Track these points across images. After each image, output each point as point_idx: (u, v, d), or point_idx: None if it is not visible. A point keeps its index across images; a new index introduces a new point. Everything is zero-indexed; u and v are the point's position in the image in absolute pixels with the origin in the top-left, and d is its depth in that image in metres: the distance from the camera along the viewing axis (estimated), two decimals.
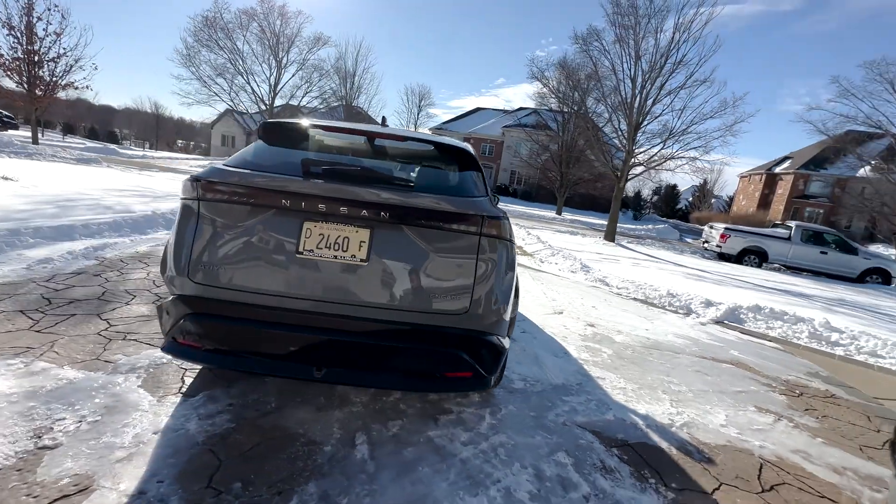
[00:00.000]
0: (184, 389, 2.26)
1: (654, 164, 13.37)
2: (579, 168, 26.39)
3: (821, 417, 3.02)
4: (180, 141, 74.05)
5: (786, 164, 40.97)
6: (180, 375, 2.40)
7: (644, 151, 13.24)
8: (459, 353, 1.85)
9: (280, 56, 23.03)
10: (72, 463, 1.69)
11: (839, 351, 4.77)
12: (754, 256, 13.94)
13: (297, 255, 1.79)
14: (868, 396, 3.57)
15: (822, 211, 37.11)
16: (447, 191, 1.95)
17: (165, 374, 2.38)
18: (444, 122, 45.66)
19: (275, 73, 23.23)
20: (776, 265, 14.04)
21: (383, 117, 3.03)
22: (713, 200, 53.11)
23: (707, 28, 12.37)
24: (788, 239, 13.78)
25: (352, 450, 1.96)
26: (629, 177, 13.71)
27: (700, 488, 2.03)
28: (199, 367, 2.49)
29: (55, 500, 1.53)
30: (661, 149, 12.98)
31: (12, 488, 1.55)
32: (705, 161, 13.13)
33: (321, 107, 29.08)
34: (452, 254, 1.85)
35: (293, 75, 23.73)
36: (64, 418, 1.92)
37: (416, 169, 2.20)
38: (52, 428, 1.85)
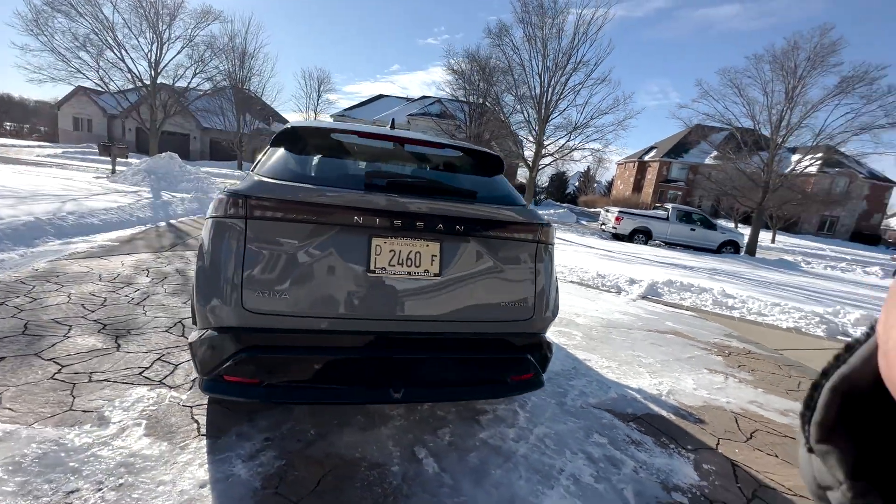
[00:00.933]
0: (203, 430, 2.00)
1: (563, 155, 14.53)
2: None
3: (751, 371, 3.71)
4: (8, 123, 60.20)
5: (652, 153, 47.38)
6: (188, 414, 2.11)
7: (553, 142, 14.31)
8: (526, 357, 1.93)
9: (161, 29, 19.94)
10: None
11: (736, 314, 5.82)
12: (642, 235, 16.06)
13: (369, 275, 1.70)
14: (770, 349, 4.45)
15: (680, 193, 43.77)
16: (501, 200, 1.98)
17: (170, 416, 2.07)
18: (346, 109, 44.02)
19: (155, 49, 20.07)
20: (658, 242, 16.33)
21: (392, 119, 2.92)
22: (595, 185, 59.41)
23: (602, 32, 13.66)
24: (667, 219, 16.11)
25: (419, 465, 1.94)
26: (540, 166, 14.73)
27: (707, 446, 2.40)
28: (232, 400, 2.21)
29: None
30: (567, 140, 14.13)
31: None
32: (604, 153, 14.71)
33: (208, 90, 26.00)
34: (515, 262, 1.91)
35: (179, 52, 20.75)
36: (78, 489, 1.59)
37: (461, 177, 2.17)
38: None
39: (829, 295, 8.62)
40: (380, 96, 47.32)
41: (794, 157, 17.84)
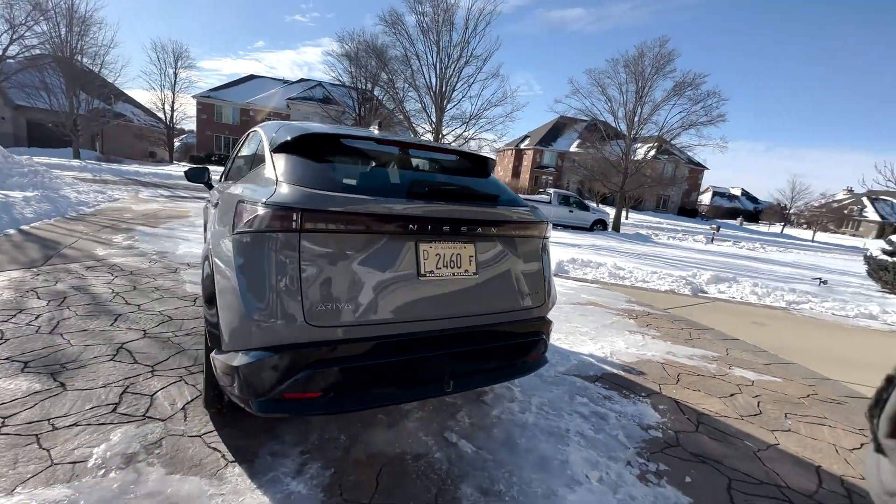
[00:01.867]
0: (229, 457, 1.89)
1: (461, 145, 15.18)
2: None
3: (657, 328, 4.59)
4: None
5: (527, 142, 51.69)
6: (201, 444, 1.95)
7: (451, 132, 14.85)
8: (542, 337, 2.21)
9: None
10: None
11: (628, 283, 6.97)
12: None
13: (420, 278, 1.79)
14: (662, 309, 5.49)
15: (551, 178, 48.75)
16: (514, 202, 2.20)
17: (183, 450, 1.90)
18: (212, 90, 39.19)
19: None
20: None
21: (379, 122, 2.90)
22: None
23: (489, 28, 14.49)
24: (550, 202, 18.00)
25: (457, 448, 2.11)
26: None
27: (654, 391, 3.00)
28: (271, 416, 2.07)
29: None
30: (464, 130, 14.80)
31: None
32: (495, 143, 15.77)
33: (22, 58, 20.86)
34: (530, 256, 2.16)
35: None
36: None
37: (468, 180, 2.30)
38: None
39: (682, 261, 10.71)
40: (251, 77, 43.09)
41: (640, 148, 21.32)
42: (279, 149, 1.98)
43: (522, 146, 51.41)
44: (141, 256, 5.24)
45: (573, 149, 47.22)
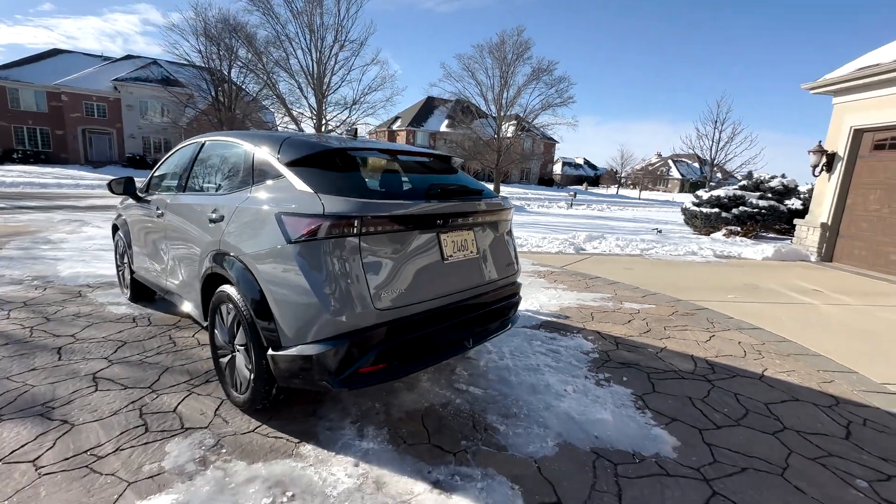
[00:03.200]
0: (294, 439, 2.15)
1: (345, 130, 15.01)
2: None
3: (563, 283, 5.67)
4: None
5: (398, 123, 52.00)
6: (262, 436, 2.17)
7: (334, 117, 14.59)
8: (519, 296, 2.85)
9: None
10: None
11: (526, 249, 8.13)
12: None
13: (445, 262, 2.25)
14: (559, 267, 6.67)
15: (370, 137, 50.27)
16: (488, 193, 2.73)
17: (245, 445, 2.10)
18: (3, 66, 30.80)
19: None
20: None
21: (355, 129, 3.11)
22: None
23: (361, 11, 14.40)
24: None
25: (469, 393, 2.66)
26: None
27: (581, 328, 3.92)
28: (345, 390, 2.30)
29: None
30: (347, 116, 14.67)
31: None
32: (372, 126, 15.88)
33: None
34: (505, 235, 2.76)
35: None
36: None
37: (451, 177, 2.74)
38: None
39: (558, 226, 12.56)
40: (55, 51, 35.00)
41: (507, 127, 23.56)
42: (296, 163, 2.20)
43: (395, 127, 51.63)
44: (17, 285, 4.49)
45: (443, 128, 49.16)
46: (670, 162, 74.49)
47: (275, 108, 17.50)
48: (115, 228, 4.35)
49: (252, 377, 2.19)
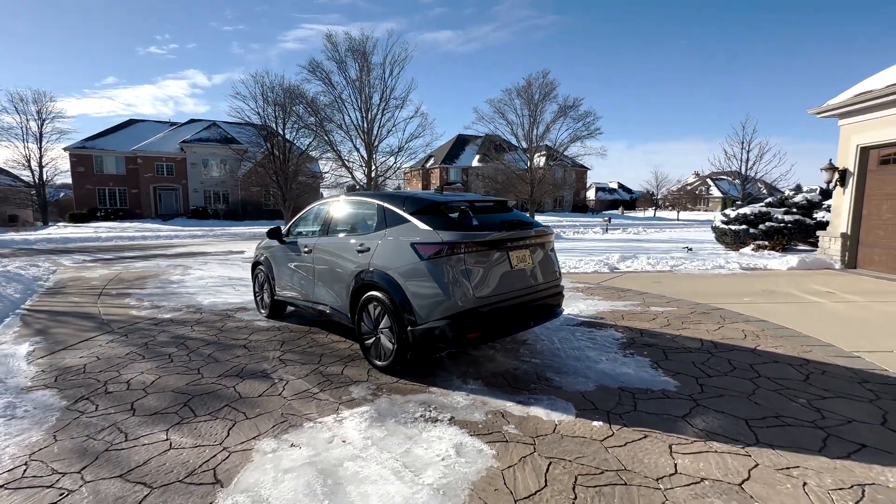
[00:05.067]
0: (422, 385, 3.42)
1: (391, 174, 16.88)
2: (295, 181, 27.58)
3: (599, 294, 6.77)
4: None
5: (431, 162, 54.84)
6: (404, 384, 3.45)
7: (382, 163, 16.50)
8: (562, 295, 4.08)
9: None
10: None
11: (565, 270, 9.26)
12: None
13: (512, 269, 3.53)
14: (595, 283, 7.76)
15: (453, 191, 52.48)
16: (536, 224, 4.01)
17: (395, 388, 3.38)
18: (87, 140, 35.77)
19: None
20: None
21: (442, 185, 4.55)
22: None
23: (403, 73, 16.55)
24: None
25: (531, 363, 3.86)
26: (377, 184, 16.73)
27: (613, 324, 5.03)
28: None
29: None
30: (394, 161, 16.55)
31: None
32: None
33: None
34: (549, 252, 4.02)
35: None
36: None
37: (510, 214, 4.06)
38: None
39: (593, 249, 13.57)
40: (130, 122, 40.13)
41: (537, 159, 25.01)
42: (416, 213, 3.59)
43: (428, 166, 54.47)
44: (178, 311, 6.11)
45: (475, 163, 51.50)
46: (709, 181, 73.16)
47: (325, 160, 19.77)
48: (255, 265, 5.94)
49: (395, 348, 3.50)
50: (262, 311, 5.79)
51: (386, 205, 3.91)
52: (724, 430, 2.66)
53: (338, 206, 4.61)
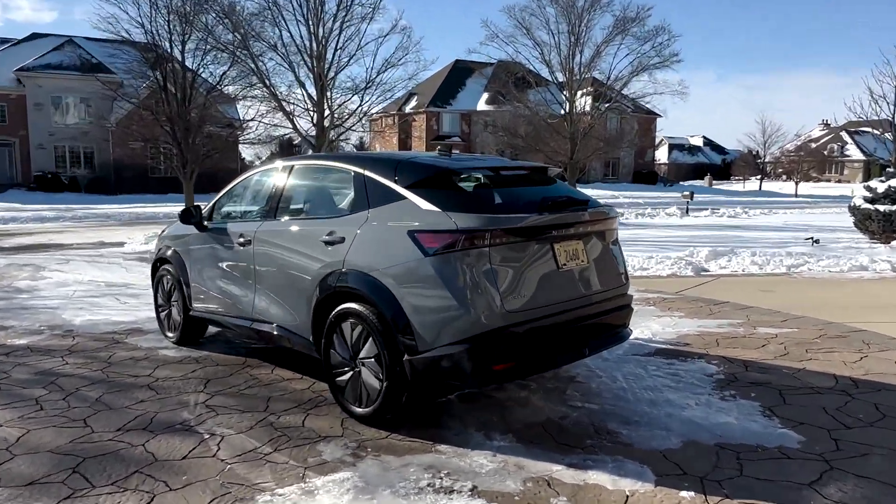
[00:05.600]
0: (441, 445, 3.62)
1: (353, 123, 17.02)
2: (201, 134, 27.36)
3: (679, 310, 7.02)
4: None
5: (413, 103, 55.01)
6: (398, 440, 3.65)
7: (343, 105, 16.64)
8: (630, 309, 4.29)
9: None
10: None
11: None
12: None
13: (560, 271, 3.72)
14: (673, 293, 8.02)
15: (458, 151, 52.70)
16: (593, 202, 4.20)
17: (387, 446, 3.58)
18: None
19: None
20: None
21: (449, 146, 4.74)
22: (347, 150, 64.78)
23: None
24: None
25: (585, 408, 4.07)
26: (332, 138, 16.89)
27: (704, 353, 5.27)
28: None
29: None
30: (360, 104, 16.69)
31: None
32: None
33: None
34: (611, 245, 4.22)
35: None
36: None
37: (551, 188, 4.25)
38: None
39: (669, 241, 13.90)
40: None
41: (580, 99, 25.25)
42: (418, 185, 3.77)
43: (409, 108, 54.56)
44: (38, 335, 6.25)
45: (482, 106, 51.85)
46: (845, 135, 73.97)
47: (250, 101, 19.87)
48: (157, 265, 6.10)
49: (384, 386, 3.68)
50: (170, 335, 5.96)
51: (369, 173, 4.07)
52: (871, 503, 2.89)
53: (292, 176, 4.76)
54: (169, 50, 25.30)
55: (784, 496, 2.95)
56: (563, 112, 22.76)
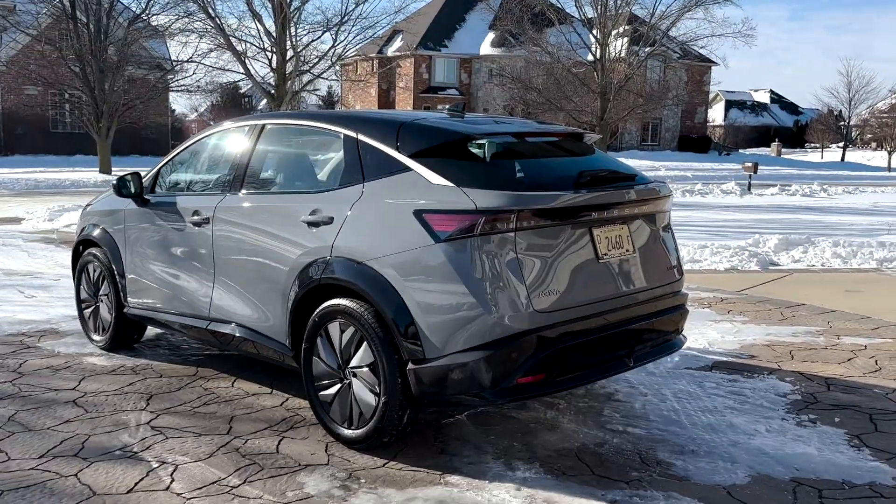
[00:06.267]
0: (451, 475, 3.76)
1: (322, 69, 17.05)
2: (121, 77, 27.26)
3: (741, 313, 7.19)
4: None
5: (398, 43, 54.75)
6: (397, 469, 3.78)
7: (308, 46, 16.66)
8: (684, 311, 4.44)
9: None
10: None
11: None
12: None
13: (600, 261, 3.85)
14: (734, 291, 8.19)
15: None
16: (641, 178, 4.33)
17: (383, 477, 3.72)
18: None
19: None
20: None
21: (463, 104, 4.86)
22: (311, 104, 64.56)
23: None
24: None
25: (627, 433, 4.23)
26: (296, 89, 16.91)
27: (776, 368, 5.43)
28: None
29: None
30: (333, 46, 16.71)
31: None
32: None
33: None
34: (663, 231, 4.36)
35: None
36: None
37: (590, 159, 4.37)
38: None
39: (726, 226, 14.09)
40: None
41: (614, 41, 25.25)
42: (425, 153, 3.88)
43: (391, 52, 54.33)
44: None
45: (487, 49, 51.71)
46: None
47: (187, 37, 19.81)
48: (79, 248, 6.18)
49: (381, 402, 3.80)
50: (97, 338, 6.06)
51: (363, 137, 4.16)
52: None
53: (263, 138, 4.82)
54: None
55: None
56: (592, 59, 22.79)
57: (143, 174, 5.64)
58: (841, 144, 60.25)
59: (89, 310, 6.14)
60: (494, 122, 4.34)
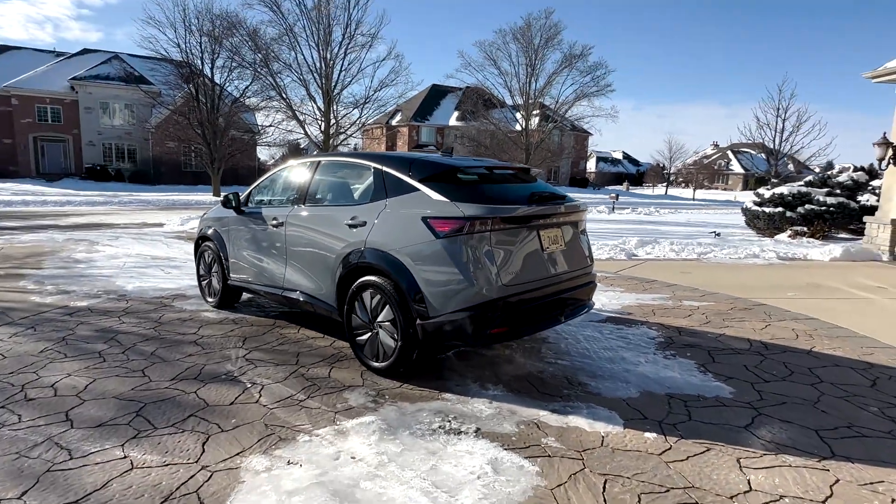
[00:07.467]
0: (436, 392, 3.48)
1: (353, 131, 16.61)
2: (227, 136, 26.53)
3: (620, 286, 6.98)
4: None
5: (399, 117, 54.01)
6: (410, 388, 3.49)
7: (345, 116, 16.22)
8: (594, 285, 4.19)
9: None
10: None
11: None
12: None
13: (543, 252, 3.59)
14: (614, 272, 7.99)
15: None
16: (567, 197, 4.07)
17: (401, 394, 3.43)
18: None
19: None
20: None
21: (451, 148, 4.52)
22: None
23: (372, 2, 16.13)
24: None
25: (558, 364, 3.98)
26: (338, 143, 16.47)
27: (644, 321, 5.22)
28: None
29: None
30: (359, 116, 16.28)
31: None
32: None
33: None
34: (580, 233, 4.10)
35: None
36: None
37: (535, 185, 4.10)
38: None
39: (604, 232, 13.92)
40: (5, 48, 37.42)
41: (530, 120, 25.12)
42: (429, 179, 3.58)
43: (395, 122, 53.61)
44: (96, 298, 5.90)
45: (453, 122, 51.22)
46: (730, 154, 75.40)
47: (268, 110, 19.24)
48: (199, 241, 5.79)
49: (399, 345, 3.52)
50: (210, 300, 5.68)
51: (387, 169, 3.87)
52: (795, 441, 2.85)
53: (318, 170, 4.53)
54: (200, 66, 24.51)
55: (727, 437, 2.90)
56: (519, 128, 22.64)
57: (240, 194, 5.28)
58: (664, 184, 60.82)
59: (205, 282, 5.77)
60: (472, 160, 4.07)
